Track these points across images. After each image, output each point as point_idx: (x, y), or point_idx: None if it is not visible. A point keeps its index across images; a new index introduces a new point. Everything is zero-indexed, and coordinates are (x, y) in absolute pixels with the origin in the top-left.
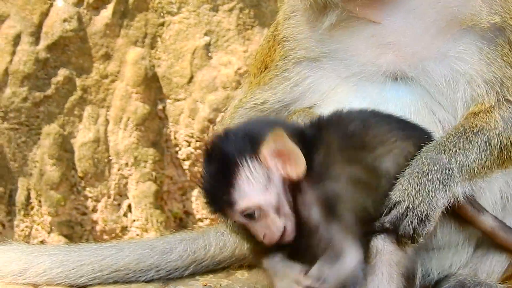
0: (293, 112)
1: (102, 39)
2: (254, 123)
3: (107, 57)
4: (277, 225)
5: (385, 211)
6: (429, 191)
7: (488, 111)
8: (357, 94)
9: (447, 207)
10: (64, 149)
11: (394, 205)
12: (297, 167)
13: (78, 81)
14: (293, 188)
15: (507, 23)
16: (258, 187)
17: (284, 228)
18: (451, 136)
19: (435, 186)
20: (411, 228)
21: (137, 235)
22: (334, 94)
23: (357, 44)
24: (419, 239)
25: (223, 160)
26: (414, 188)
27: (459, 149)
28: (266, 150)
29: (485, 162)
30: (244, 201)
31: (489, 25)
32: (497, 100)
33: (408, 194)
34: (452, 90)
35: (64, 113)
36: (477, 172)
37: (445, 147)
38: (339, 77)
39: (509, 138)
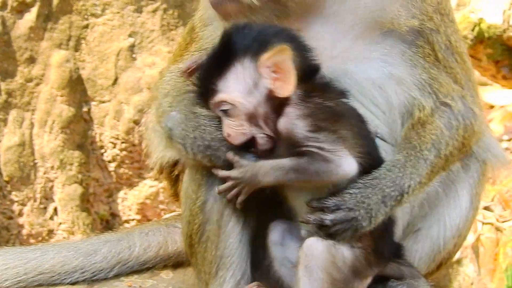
0: None
1: (26, 42)
2: (273, 29)
3: (31, 60)
4: (242, 131)
5: (330, 208)
6: (378, 211)
7: (431, 120)
8: None
9: None
10: None
11: (344, 209)
12: (286, 87)
13: (2, 85)
14: (278, 105)
15: (425, 26)
16: (242, 87)
17: (254, 138)
18: (411, 157)
19: (385, 209)
20: (344, 233)
21: (64, 238)
22: None
23: None
24: (339, 240)
25: (228, 48)
26: (368, 204)
27: (418, 174)
28: (266, 58)
29: (433, 175)
30: (223, 94)
31: (408, 29)
32: (435, 105)
33: (361, 207)
34: (381, 90)
35: None
36: (423, 190)
37: (408, 172)
38: None
39: (453, 144)
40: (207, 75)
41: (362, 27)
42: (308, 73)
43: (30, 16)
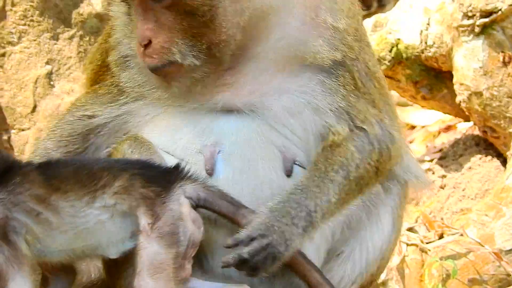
0: (125, 139)
1: None
2: None
3: None
4: None
5: (244, 241)
6: (292, 234)
7: (343, 144)
8: (188, 122)
9: None
10: None
11: (257, 237)
12: None
13: None
14: None
15: (347, 57)
16: None
17: None
18: (315, 178)
19: (298, 230)
20: (264, 263)
21: None
22: (162, 120)
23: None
24: (263, 274)
25: None
26: (279, 227)
27: (324, 193)
28: None
29: (346, 197)
30: None
31: (330, 62)
32: (349, 129)
33: (272, 231)
34: (297, 118)
35: None
36: (337, 211)
37: (311, 192)
38: (171, 106)
39: (365, 167)
40: None
41: (283, 62)
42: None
43: None
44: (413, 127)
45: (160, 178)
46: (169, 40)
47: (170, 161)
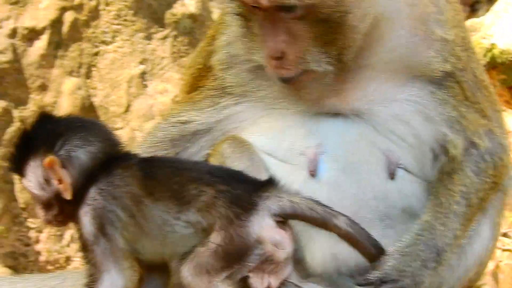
0: (224, 139)
1: (37, 70)
2: (65, 125)
3: (43, 88)
4: (42, 215)
5: (375, 283)
6: (422, 277)
7: (460, 169)
8: (292, 124)
9: None
10: (4, 180)
11: (389, 281)
12: (64, 192)
13: (15, 113)
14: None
15: (456, 67)
16: (35, 181)
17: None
18: (439, 215)
19: (428, 271)
20: None
21: (82, 264)
22: (264, 122)
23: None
24: None
25: (27, 141)
26: (411, 272)
27: (450, 230)
28: (44, 164)
29: (469, 222)
30: (26, 182)
31: (441, 73)
32: (464, 144)
33: (404, 275)
34: (406, 126)
35: (3, 144)
36: (462, 238)
37: (438, 231)
38: (274, 108)
39: (484, 187)
40: (14, 160)
41: (393, 72)
42: (105, 162)
43: (41, 44)
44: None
45: (245, 198)
46: (303, 50)
47: (271, 163)
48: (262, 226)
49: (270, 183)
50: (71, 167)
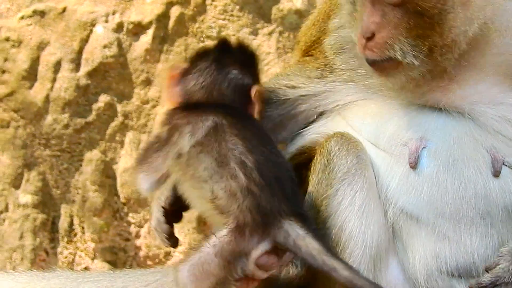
0: (332, 135)
1: (142, 64)
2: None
3: (147, 82)
4: None
5: (487, 286)
6: None
7: None
8: (396, 114)
9: None
10: (106, 175)
11: (501, 284)
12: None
13: (119, 107)
14: None
15: None
16: None
17: None
18: None
19: None
20: None
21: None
22: (366, 106)
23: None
24: None
25: None
26: None
27: None
28: None
29: None
30: None
31: None
32: None
33: None
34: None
35: (106, 139)
36: None
37: None
38: (379, 95)
39: None
40: None
41: (500, 76)
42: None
43: (146, 38)
44: None
45: (263, 215)
46: (392, 37)
47: (373, 153)
48: (257, 248)
49: (298, 215)
50: None
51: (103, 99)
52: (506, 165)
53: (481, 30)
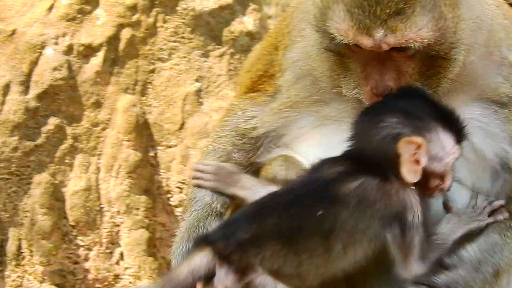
0: (275, 158)
1: (92, 87)
2: None
3: (97, 105)
4: None
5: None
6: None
7: None
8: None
9: None
10: (55, 198)
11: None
12: None
13: (68, 130)
14: None
15: None
16: None
17: None
18: (507, 240)
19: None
20: None
21: (130, 283)
22: (317, 134)
23: None
24: None
25: None
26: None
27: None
28: None
29: None
30: None
31: (507, 97)
32: None
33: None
34: (468, 142)
35: (55, 161)
36: None
37: (505, 254)
38: (329, 121)
39: None
40: None
41: (460, 93)
42: None
43: (96, 61)
44: None
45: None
46: (408, 83)
47: None
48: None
49: None
50: None
51: (53, 121)
52: (457, 180)
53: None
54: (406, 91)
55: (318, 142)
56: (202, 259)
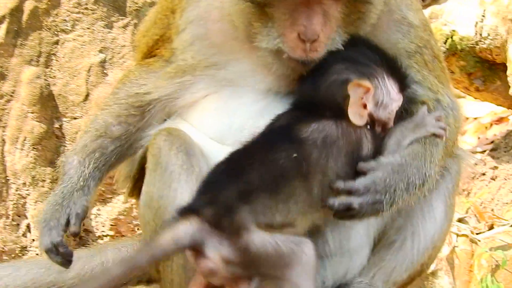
0: (158, 133)
1: None
2: None
3: (1, 77)
4: None
5: (360, 191)
6: (400, 198)
7: None
8: (242, 104)
9: None
10: None
11: (372, 192)
12: None
13: None
14: None
15: (418, 46)
16: None
17: None
18: (427, 146)
19: (407, 196)
20: (362, 215)
21: (37, 254)
22: (211, 102)
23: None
24: (356, 219)
25: None
26: (395, 190)
27: (435, 163)
28: None
29: (442, 163)
30: None
31: (406, 52)
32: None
33: (388, 191)
34: None
35: None
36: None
37: (427, 160)
38: (225, 87)
39: (453, 137)
40: None
41: None
42: None
43: (0, 33)
44: (465, 119)
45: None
46: (333, 31)
47: (216, 150)
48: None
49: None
50: None
51: None
52: None
53: None
54: (351, 40)
55: (214, 108)
56: (187, 229)
